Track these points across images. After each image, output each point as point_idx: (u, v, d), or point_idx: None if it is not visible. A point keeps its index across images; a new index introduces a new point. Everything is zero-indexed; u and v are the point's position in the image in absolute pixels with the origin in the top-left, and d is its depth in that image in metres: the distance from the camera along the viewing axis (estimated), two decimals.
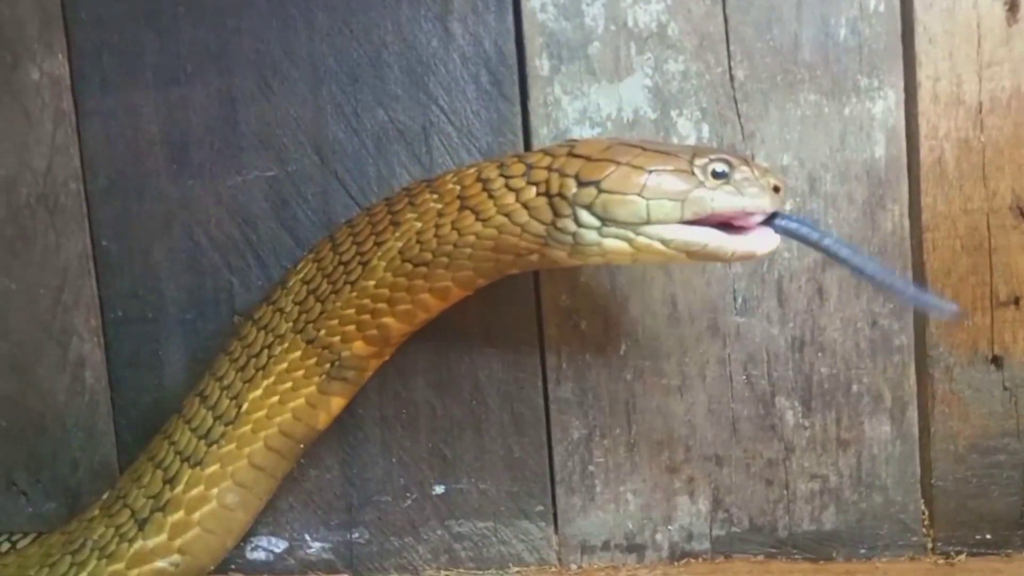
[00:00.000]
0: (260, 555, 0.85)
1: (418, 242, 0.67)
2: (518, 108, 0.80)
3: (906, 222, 0.79)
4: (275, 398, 0.71)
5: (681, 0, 0.78)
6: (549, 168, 0.64)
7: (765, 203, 0.62)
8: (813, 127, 0.79)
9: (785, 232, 0.63)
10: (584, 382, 0.82)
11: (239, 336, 0.75)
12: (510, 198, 0.64)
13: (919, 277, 0.80)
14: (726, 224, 0.63)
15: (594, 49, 0.79)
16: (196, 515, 0.69)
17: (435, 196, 0.68)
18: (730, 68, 0.79)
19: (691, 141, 0.79)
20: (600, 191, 0.62)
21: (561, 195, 0.63)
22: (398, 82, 0.81)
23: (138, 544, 0.69)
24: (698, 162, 0.62)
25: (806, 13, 0.78)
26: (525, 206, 0.64)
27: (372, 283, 0.69)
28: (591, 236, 0.62)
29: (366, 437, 0.84)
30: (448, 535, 0.84)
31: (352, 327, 0.70)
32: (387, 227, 0.70)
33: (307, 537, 0.85)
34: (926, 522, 0.82)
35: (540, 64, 0.80)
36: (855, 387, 0.81)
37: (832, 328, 0.80)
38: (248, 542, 0.85)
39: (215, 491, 0.70)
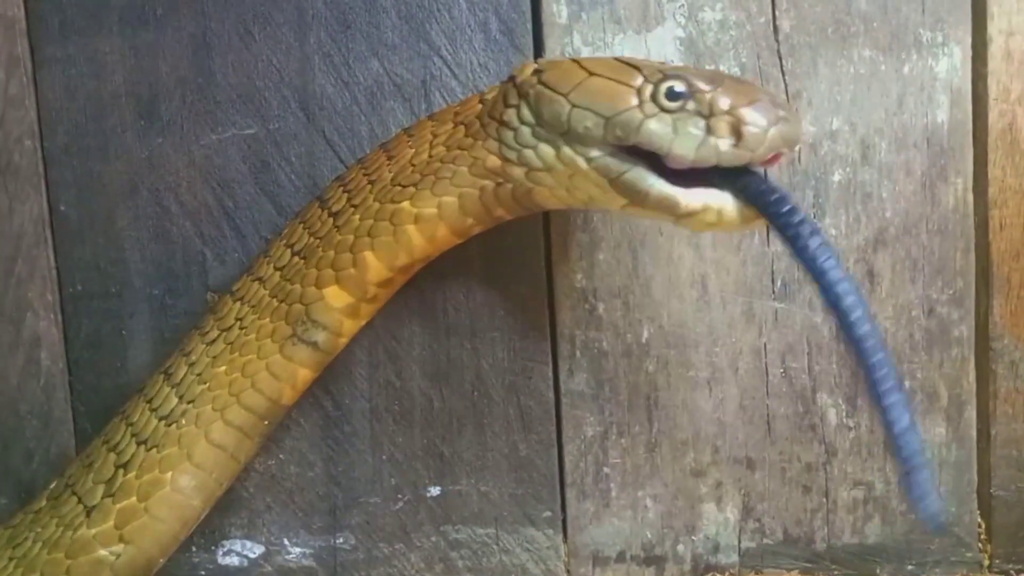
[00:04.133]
0: (233, 560, 0.77)
1: (411, 164, 0.62)
2: (532, 60, 0.71)
3: (970, 197, 0.71)
4: (239, 372, 0.65)
5: None
6: (520, 66, 0.60)
7: (694, 151, 0.50)
8: (867, 87, 0.70)
9: (745, 196, 0.50)
10: (600, 373, 0.74)
11: (214, 311, 0.69)
12: (492, 93, 0.60)
13: (983, 260, 0.71)
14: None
15: None
16: (147, 502, 0.63)
17: (433, 121, 0.63)
18: (774, 18, 0.70)
19: None
20: (539, 81, 0.55)
21: (513, 79, 0.58)
22: (395, 29, 0.72)
23: (81, 532, 0.63)
24: (652, 78, 0.52)
25: None
26: (491, 102, 0.59)
27: (358, 216, 0.63)
28: (528, 136, 0.56)
29: (354, 431, 0.75)
30: (444, 542, 0.76)
31: (329, 269, 0.63)
32: (382, 164, 0.64)
33: (286, 541, 0.77)
34: (983, 536, 0.74)
35: (557, 10, 0.70)
36: (907, 383, 0.73)
37: (883, 316, 0.72)
38: (220, 545, 0.77)
39: (170, 474, 0.64)
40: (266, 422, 0.66)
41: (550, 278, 0.73)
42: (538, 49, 0.71)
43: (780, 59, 0.70)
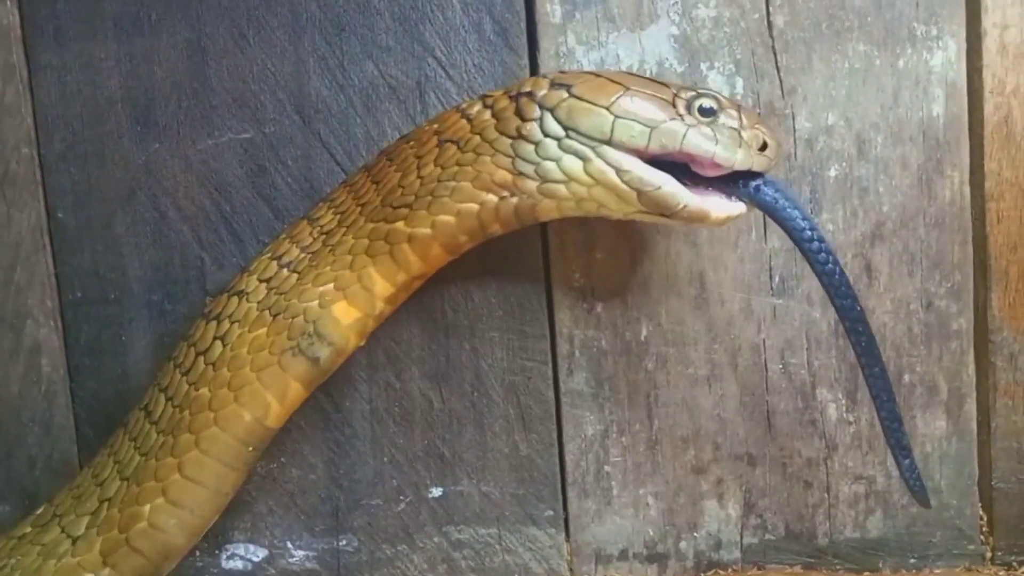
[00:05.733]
0: (237, 564, 0.77)
1: (399, 186, 0.62)
2: (526, 60, 0.71)
3: (967, 190, 0.71)
4: (224, 388, 0.63)
5: None
6: (528, 78, 0.62)
7: (737, 157, 0.57)
8: (863, 82, 0.70)
9: (758, 202, 0.58)
10: (599, 372, 0.74)
11: (186, 337, 0.67)
12: (485, 115, 0.61)
13: (981, 253, 0.70)
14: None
15: None
16: (127, 535, 0.63)
17: (411, 144, 0.63)
18: (768, 14, 0.69)
19: None
20: (569, 95, 0.58)
21: (530, 94, 0.59)
22: (389, 31, 0.72)
23: (66, 560, 0.63)
24: (684, 95, 0.58)
25: None
26: (495, 116, 0.60)
27: (351, 236, 0.63)
28: (553, 148, 0.58)
29: (354, 433, 0.76)
30: (446, 543, 0.76)
31: (331, 285, 0.63)
32: (368, 187, 0.65)
33: (289, 545, 0.77)
34: (984, 529, 0.74)
35: (551, 10, 0.71)
36: (907, 377, 0.72)
37: (882, 310, 0.71)
38: (223, 549, 0.77)
39: (147, 508, 0.63)
40: (251, 448, 0.64)
41: (548, 278, 0.73)
42: (532, 49, 0.71)
43: (775, 55, 0.70)
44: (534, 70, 0.71)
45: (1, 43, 0.74)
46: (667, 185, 0.57)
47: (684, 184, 0.58)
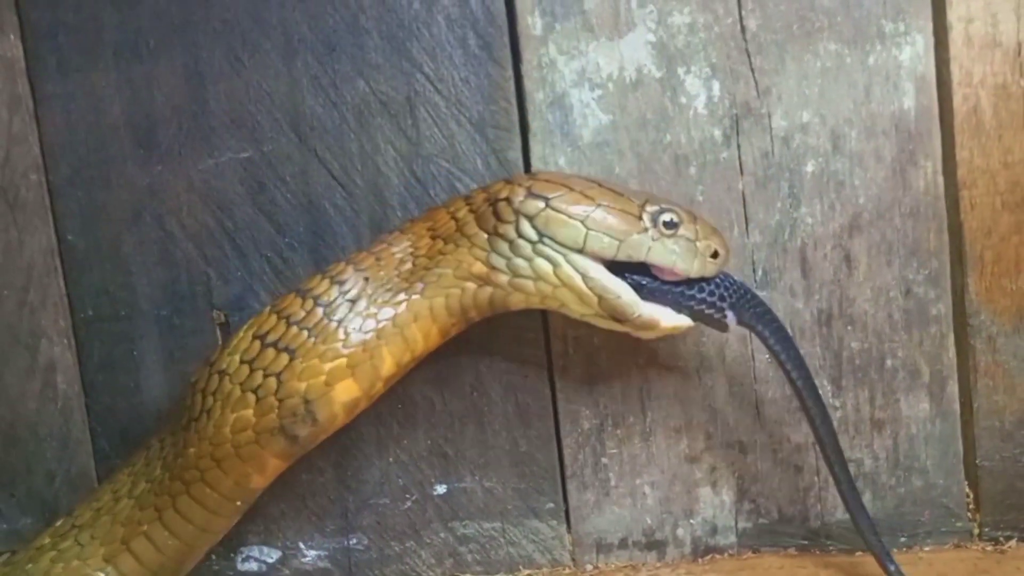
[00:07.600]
0: (252, 566, 0.80)
1: (397, 272, 0.67)
2: (510, 72, 0.74)
3: (940, 179, 0.73)
4: (207, 458, 0.66)
5: None
6: (504, 183, 0.66)
7: (693, 266, 0.63)
8: (835, 79, 0.72)
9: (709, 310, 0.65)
10: (593, 368, 0.76)
11: (180, 399, 0.70)
12: (468, 214, 0.66)
13: (956, 240, 0.73)
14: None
15: (591, 3, 0.73)
16: (128, 544, 0.68)
17: (408, 236, 0.68)
18: (741, 18, 0.72)
19: (701, 99, 0.73)
20: (548, 207, 0.63)
21: (508, 200, 0.64)
22: (378, 49, 0.74)
23: (75, 563, 0.68)
24: (649, 208, 0.63)
25: None
26: (474, 213, 0.66)
27: (358, 316, 0.65)
28: (526, 250, 0.64)
29: (360, 436, 0.78)
30: (452, 538, 0.79)
31: (343, 361, 0.64)
32: (372, 265, 0.68)
33: (301, 545, 0.80)
34: (971, 506, 0.76)
35: (532, 23, 0.73)
36: (889, 362, 0.75)
37: (862, 299, 0.74)
38: (238, 552, 0.80)
39: (145, 527, 0.68)
40: (238, 503, 0.67)
41: None
42: (516, 61, 0.74)
43: (749, 57, 0.72)
44: (519, 81, 0.74)
45: (7, 75, 0.77)
46: (625, 295, 0.63)
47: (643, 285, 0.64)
